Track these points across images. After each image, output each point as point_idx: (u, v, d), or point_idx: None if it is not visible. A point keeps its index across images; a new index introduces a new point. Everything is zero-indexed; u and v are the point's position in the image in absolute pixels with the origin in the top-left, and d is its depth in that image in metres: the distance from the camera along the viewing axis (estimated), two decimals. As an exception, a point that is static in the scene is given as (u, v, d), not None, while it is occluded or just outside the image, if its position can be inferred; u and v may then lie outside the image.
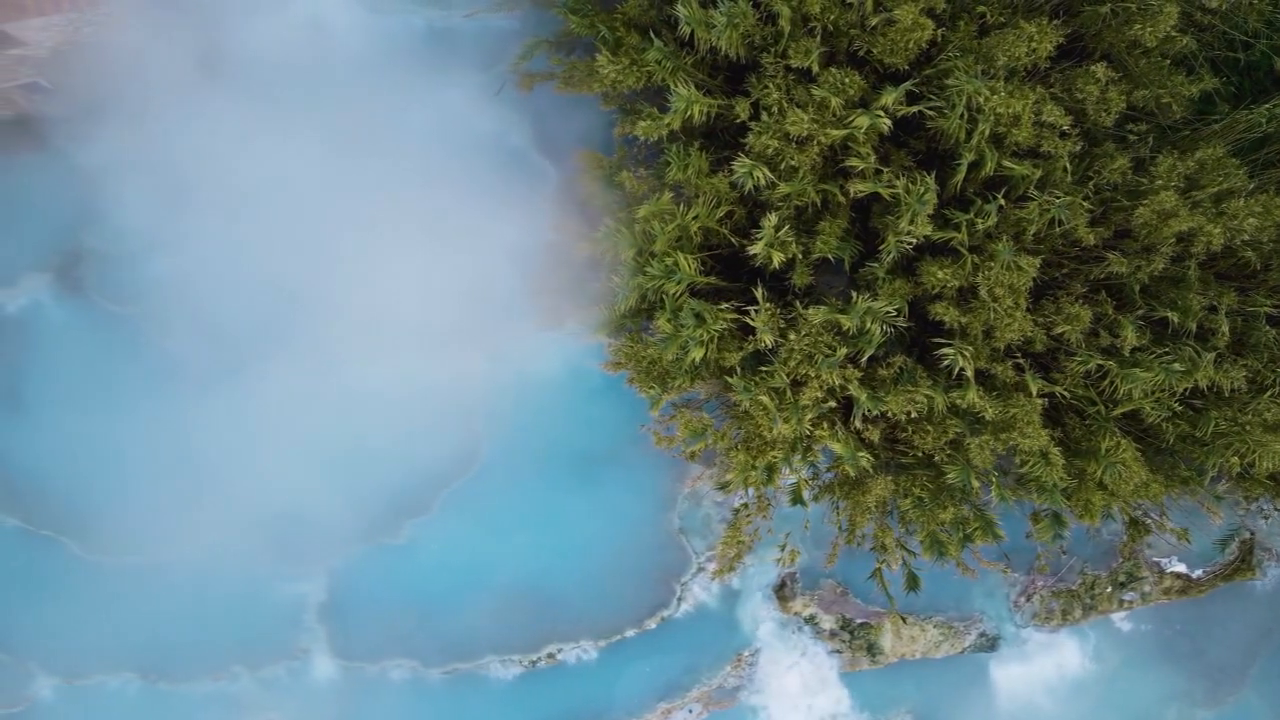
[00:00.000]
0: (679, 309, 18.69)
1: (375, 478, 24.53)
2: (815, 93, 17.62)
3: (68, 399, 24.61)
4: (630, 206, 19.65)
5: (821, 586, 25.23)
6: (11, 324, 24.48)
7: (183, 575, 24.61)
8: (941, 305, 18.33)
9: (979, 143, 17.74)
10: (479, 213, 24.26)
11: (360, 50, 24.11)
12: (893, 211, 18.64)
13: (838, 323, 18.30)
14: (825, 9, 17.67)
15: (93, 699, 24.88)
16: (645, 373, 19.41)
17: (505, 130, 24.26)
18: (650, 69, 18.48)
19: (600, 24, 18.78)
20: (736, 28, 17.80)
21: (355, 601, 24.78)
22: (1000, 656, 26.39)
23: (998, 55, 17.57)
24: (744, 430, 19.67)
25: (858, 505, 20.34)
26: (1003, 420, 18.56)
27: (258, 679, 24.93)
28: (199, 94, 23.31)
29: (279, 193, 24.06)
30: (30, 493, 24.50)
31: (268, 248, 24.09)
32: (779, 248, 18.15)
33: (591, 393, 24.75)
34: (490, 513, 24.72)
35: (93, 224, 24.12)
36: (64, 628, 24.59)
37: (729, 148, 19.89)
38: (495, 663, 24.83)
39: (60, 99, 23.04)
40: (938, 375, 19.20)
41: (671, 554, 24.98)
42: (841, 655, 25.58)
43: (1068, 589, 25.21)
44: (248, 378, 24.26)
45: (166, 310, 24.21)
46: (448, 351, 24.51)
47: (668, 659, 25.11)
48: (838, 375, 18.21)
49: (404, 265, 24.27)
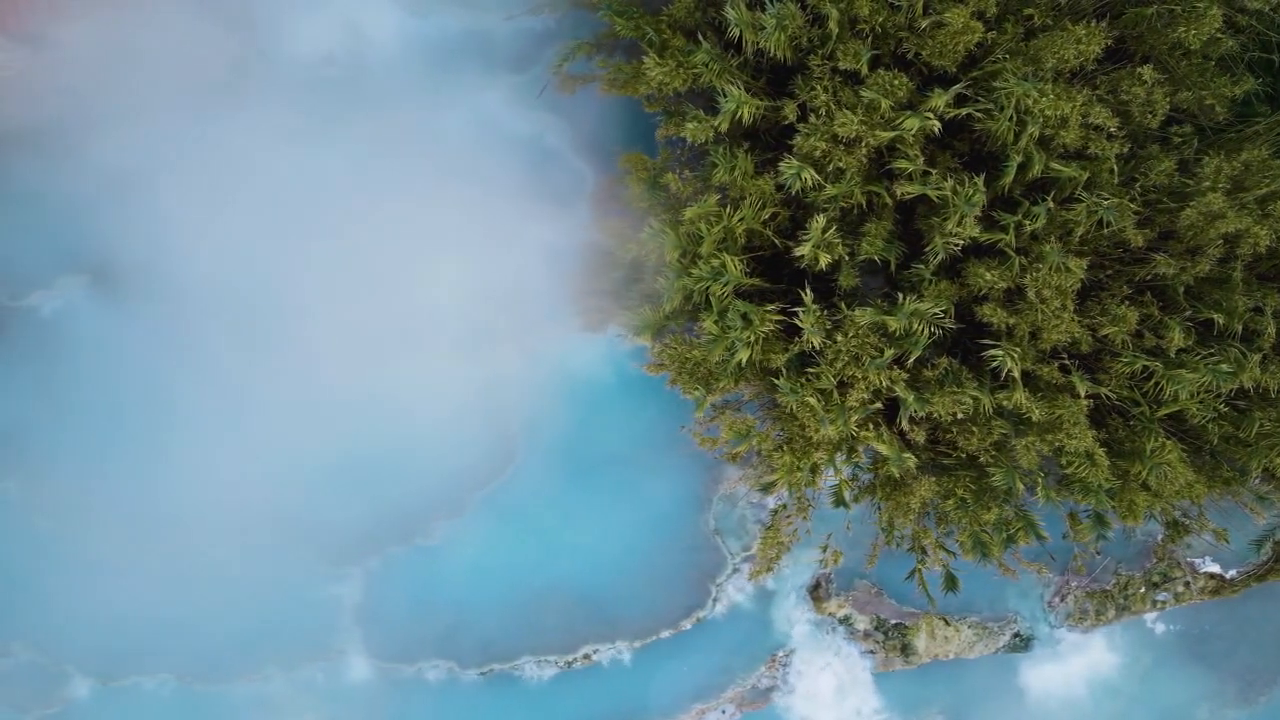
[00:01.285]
0: (725, 310, 18.72)
1: (411, 479, 24.57)
2: (864, 94, 17.65)
3: (101, 400, 24.65)
4: (674, 208, 19.68)
5: (856, 587, 25.27)
6: (46, 325, 24.49)
7: (219, 577, 24.65)
8: (989, 306, 18.37)
9: (1027, 145, 17.78)
10: (516, 214, 24.33)
11: (396, 52, 24.17)
12: (939, 213, 18.68)
13: (884, 324, 18.32)
14: (874, 12, 17.71)
15: (129, 700, 24.94)
16: (690, 374, 19.43)
17: (541, 132, 24.30)
18: (697, 71, 18.51)
19: (646, 26, 18.80)
20: (785, 30, 17.84)
21: (391, 603, 24.82)
22: (1032, 657, 26.43)
23: (1046, 57, 17.61)
24: (787, 431, 19.69)
25: (899, 506, 20.35)
26: (1048, 421, 18.59)
27: (293, 680, 24.98)
28: (237, 96, 23.36)
29: (316, 195, 24.10)
30: (68, 495, 24.53)
31: (303, 250, 24.13)
32: (826, 249, 18.17)
33: (626, 395, 24.78)
34: (525, 514, 24.75)
35: (126, 227, 24.07)
36: (101, 629, 24.63)
37: (771, 149, 19.93)
38: (531, 663, 24.87)
39: (95, 101, 23.07)
40: (982, 376, 19.25)
41: (707, 555, 25.02)
42: (875, 656, 25.62)
43: (1102, 589, 25.25)
44: (284, 379, 24.28)
45: (203, 313, 24.20)
46: (483, 353, 24.57)
47: (703, 660, 25.15)
48: (884, 377, 18.24)
49: (439, 266, 24.33)
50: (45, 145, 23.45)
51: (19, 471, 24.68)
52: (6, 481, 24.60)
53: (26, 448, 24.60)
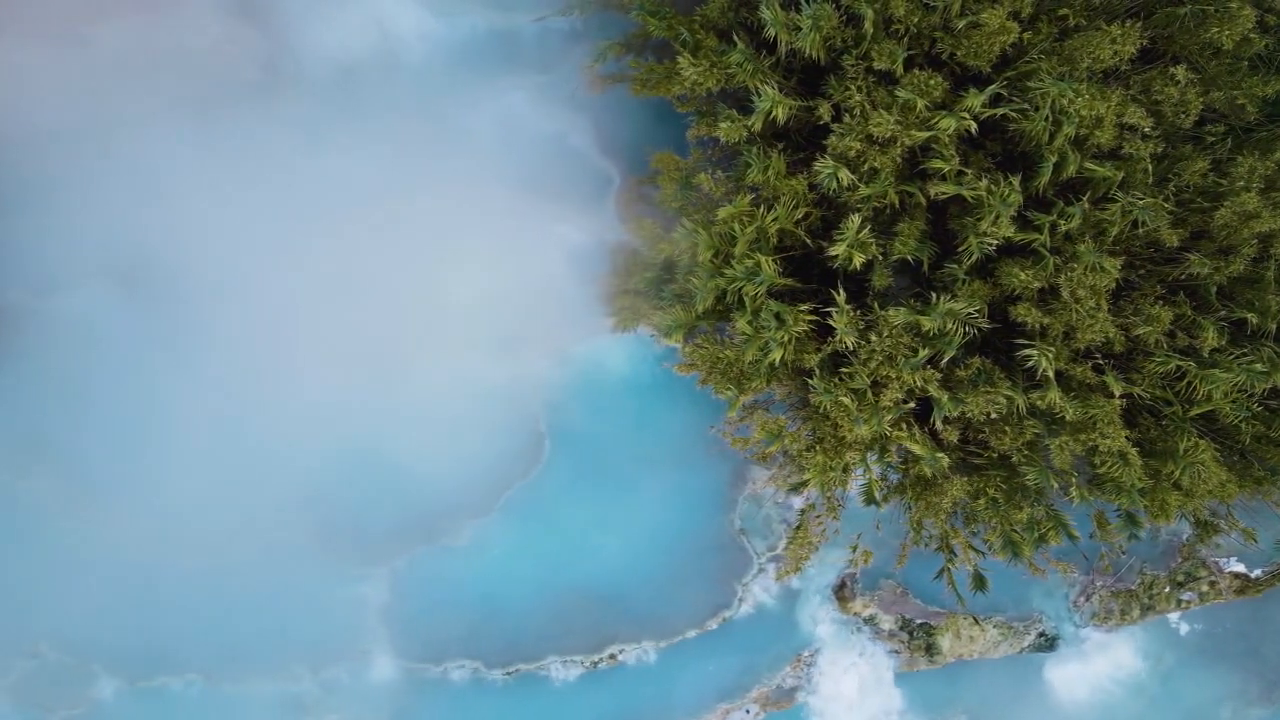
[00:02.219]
0: (758, 310, 18.75)
1: (438, 480, 24.61)
2: (899, 94, 17.68)
3: (127, 400, 24.66)
4: (705, 209, 19.71)
5: (881, 587, 25.30)
6: (72, 326, 24.49)
7: (246, 577, 24.68)
8: (1023, 306, 18.39)
9: (1062, 144, 17.81)
10: (542, 214, 24.39)
11: (424, 53, 24.23)
12: (972, 213, 18.71)
13: (918, 324, 18.35)
14: (909, 12, 17.75)
15: (154, 700, 24.96)
16: (722, 374, 19.45)
17: (566, 132, 24.35)
18: (731, 71, 18.54)
19: (680, 26, 18.83)
20: (819, 30, 17.87)
21: (417, 603, 24.86)
22: (1056, 656, 26.45)
23: (1081, 57, 17.64)
24: (819, 431, 19.72)
25: (929, 506, 20.37)
26: (1082, 421, 18.61)
27: (319, 680, 25.01)
28: (267, 97, 23.41)
29: (344, 195, 24.14)
30: (94, 496, 24.55)
31: (330, 250, 24.16)
32: (860, 249, 18.20)
33: (652, 395, 24.83)
34: (551, 514, 24.79)
35: (154, 228, 24.08)
36: (128, 630, 24.66)
37: (801, 150, 19.97)
38: (556, 663, 24.89)
39: (127, 101, 23.10)
40: (1014, 376, 19.28)
41: (732, 555, 25.05)
42: (900, 655, 25.64)
43: (1127, 589, 25.28)
44: (311, 380, 24.31)
45: (231, 314, 24.22)
46: (509, 354, 24.63)
47: (728, 659, 25.18)
48: (918, 377, 18.26)
49: (465, 266, 24.35)
50: (76, 145, 23.48)
51: (46, 472, 24.71)
52: (33, 482, 24.63)
53: (52, 449, 24.64)
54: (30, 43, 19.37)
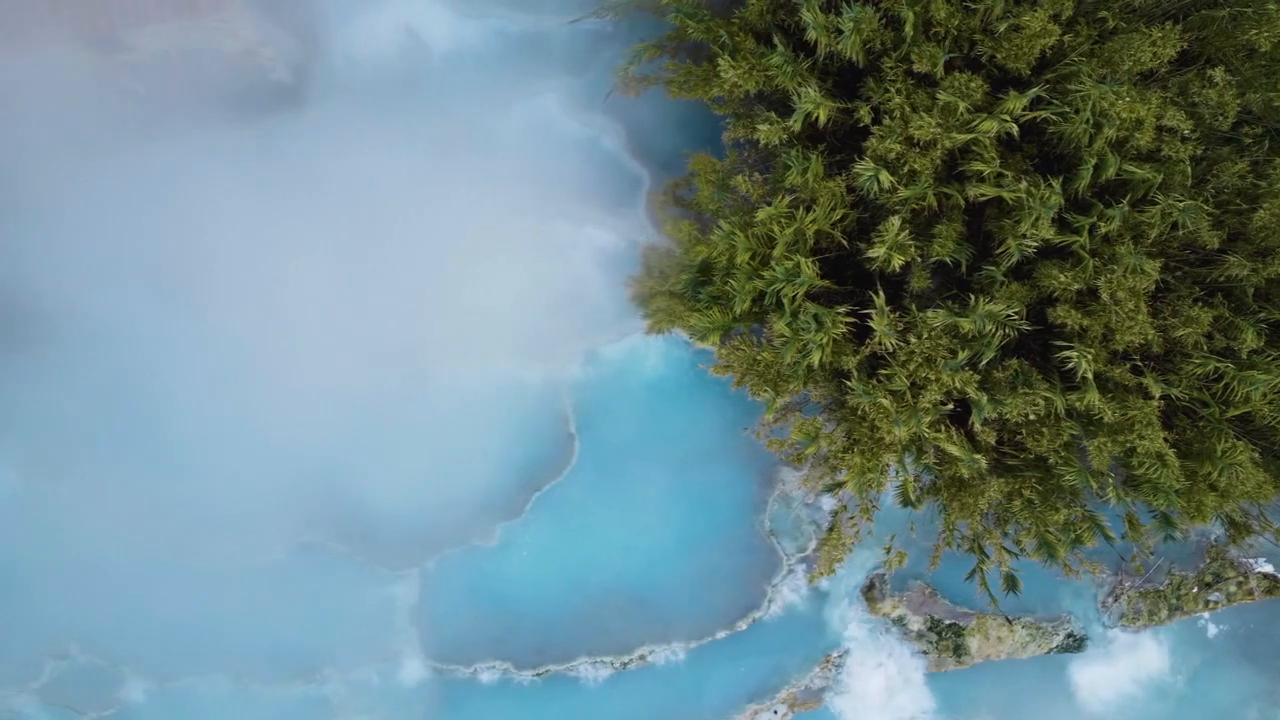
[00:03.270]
0: (797, 312, 18.79)
1: (468, 480, 24.63)
2: (940, 97, 17.72)
3: (155, 402, 24.67)
4: (742, 210, 19.74)
5: (910, 588, 25.34)
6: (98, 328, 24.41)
7: (276, 578, 24.73)
8: (1063, 308, 18.44)
9: (1101, 147, 17.85)
10: (572, 216, 24.47)
11: (454, 56, 24.25)
12: (1010, 215, 18.76)
13: (957, 326, 18.39)
14: (949, 15, 17.78)
15: (183, 701, 25.00)
16: (760, 376, 19.48)
17: (597, 134, 24.37)
18: (771, 73, 18.58)
19: (719, 29, 18.88)
20: (859, 32, 17.91)
21: (447, 603, 24.88)
22: (1083, 657, 26.47)
23: (1122, 59, 17.68)
24: (856, 433, 19.76)
25: (964, 507, 20.41)
26: (1120, 422, 18.65)
27: (348, 681, 25.05)
28: (297, 100, 23.44)
29: (374, 198, 24.18)
30: (125, 497, 24.56)
31: (359, 252, 24.20)
32: (899, 251, 18.25)
33: (682, 396, 24.86)
34: (582, 515, 24.82)
35: (187, 229, 24.10)
36: (158, 631, 24.70)
37: (837, 151, 20.00)
38: (586, 664, 24.92)
39: (158, 105, 23.14)
40: (1051, 378, 19.33)
41: (762, 556, 25.08)
42: (928, 656, 25.68)
43: (1155, 589, 25.32)
44: (340, 380, 24.35)
45: (258, 316, 24.22)
46: (540, 354, 24.68)
47: (758, 660, 25.22)
48: (957, 379, 18.30)
49: (497, 268, 24.41)
50: (106, 148, 23.50)
51: (75, 474, 24.71)
52: (61, 484, 24.63)
53: (81, 450, 24.65)
54: (66, 47, 19.36)
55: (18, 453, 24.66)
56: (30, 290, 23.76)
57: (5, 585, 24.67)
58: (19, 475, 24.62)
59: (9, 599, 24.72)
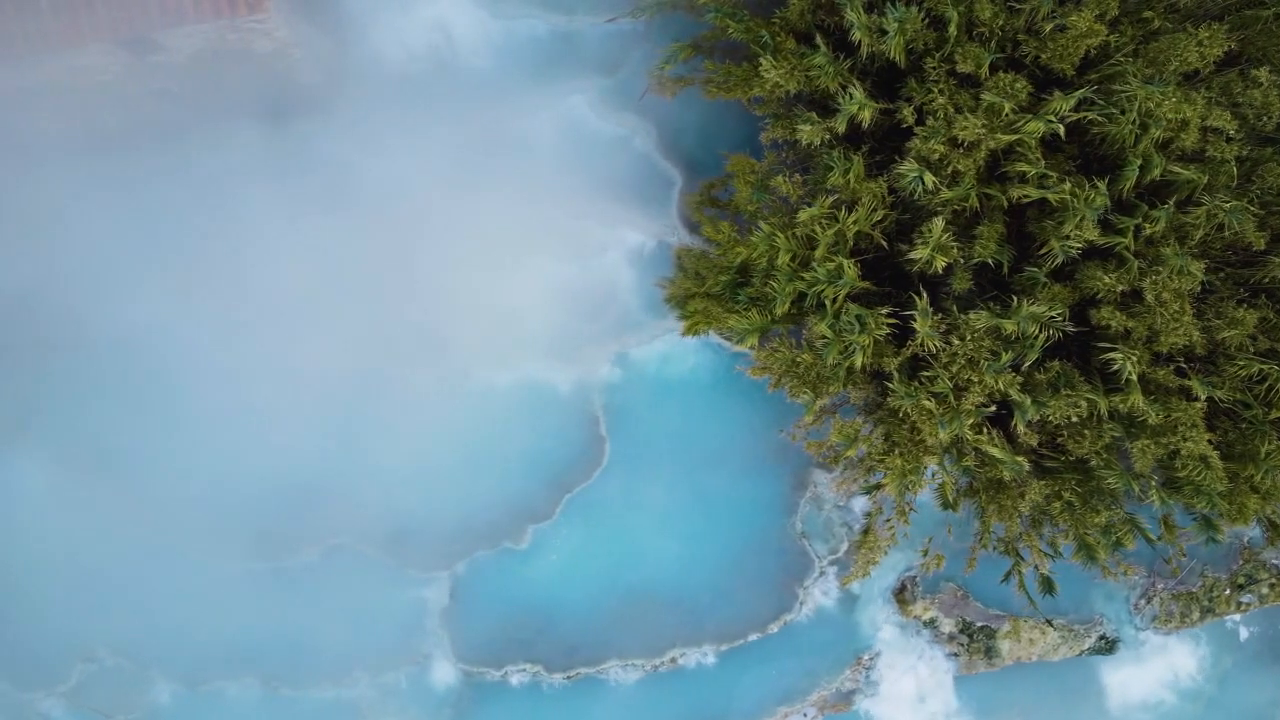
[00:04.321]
0: (839, 313, 18.71)
1: (498, 482, 24.56)
2: (985, 98, 17.63)
3: (183, 403, 24.57)
4: (781, 212, 19.65)
5: (942, 590, 25.26)
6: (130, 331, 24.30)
7: (305, 581, 24.64)
8: (1107, 309, 18.36)
9: (1146, 148, 17.77)
10: (603, 217, 24.40)
11: (484, 56, 24.17)
12: (1052, 216, 18.68)
13: (999, 328, 18.31)
14: (994, 15, 17.70)
15: (212, 704, 24.89)
16: (799, 378, 19.39)
17: (629, 135, 24.29)
18: (812, 73, 18.50)
19: (760, 29, 18.79)
20: (903, 33, 17.83)
21: (477, 606, 24.78)
22: (1113, 659, 26.40)
23: (1169, 59, 17.60)
24: (895, 435, 19.67)
25: (1003, 509, 20.33)
26: (1163, 424, 18.57)
27: (378, 685, 24.94)
28: (329, 102, 23.35)
29: (403, 198, 24.11)
30: (153, 499, 24.49)
31: (389, 253, 24.12)
32: (942, 252, 18.16)
33: (714, 398, 24.78)
34: (612, 517, 24.72)
35: (217, 230, 24.00)
36: (187, 634, 24.59)
37: (876, 152, 19.90)
38: (617, 667, 24.82)
39: (190, 106, 23.06)
40: (1092, 379, 19.24)
41: (793, 558, 24.99)
42: (958, 659, 25.60)
43: (1187, 591, 25.25)
44: (369, 382, 24.28)
45: (287, 317, 24.13)
46: (571, 356, 24.60)
47: (789, 663, 25.12)
48: (1001, 381, 18.21)
49: (527, 269, 24.35)
50: (134, 149, 23.44)
51: (102, 476, 24.63)
52: (89, 487, 24.54)
53: (109, 452, 24.56)
54: (102, 48, 19.25)
55: (44, 455, 24.55)
56: (59, 293, 23.70)
57: (32, 588, 24.56)
58: (46, 478, 24.50)
59: (36, 602, 24.63)
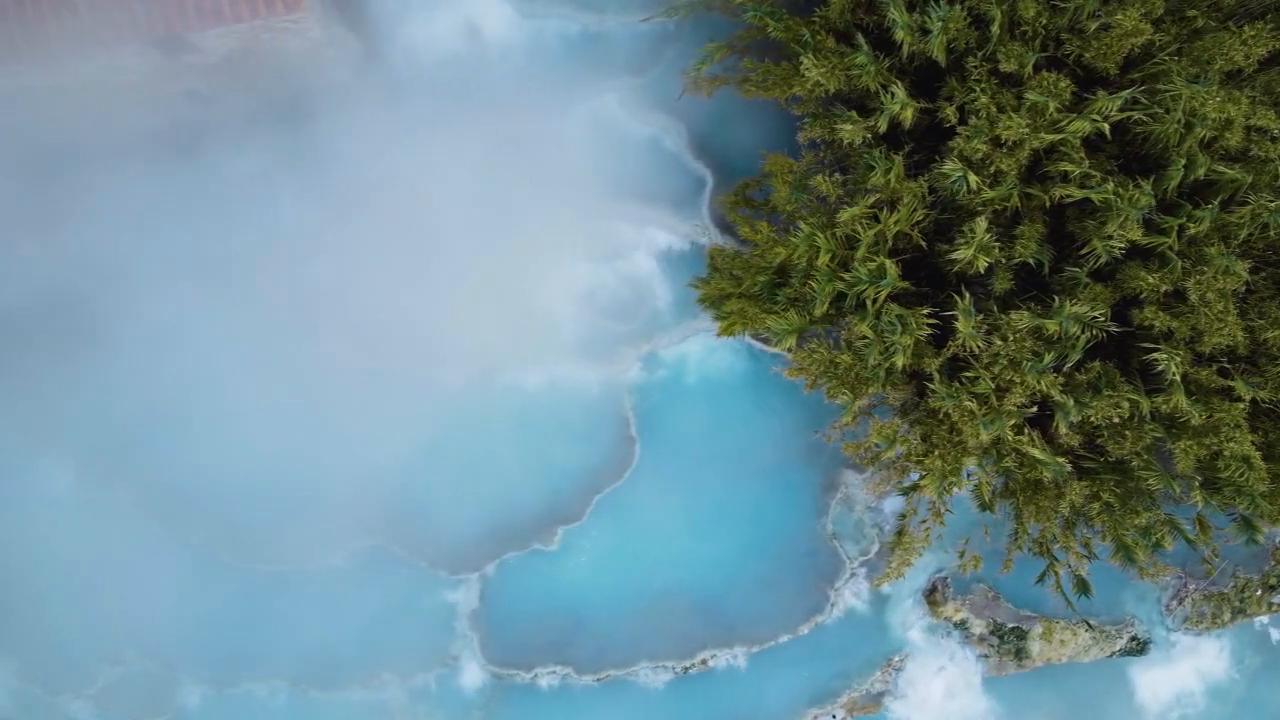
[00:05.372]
0: (879, 313, 18.62)
1: (528, 483, 24.44)
2: (1028, 97, 17.54)
3: (211, 402, 24.45)
4: (819, 212, 19.55)
5: (973, 591, 25.16)
6: (158, 330, 24.24)
7: (334, 582, 24.54)
8: (1150, 309, 18.28)
9: (1191, 147, 17.68)
10: (633, 217, 24.32)
11: (514, 55, 24.05)
12: (1094, 215, 18.58)
13: (1041, 328, 18.22)
14: (1038, 14, 17.60)
15: (240, 707, 24.78)
16: (839, 379, 19.29)
17: (659, 135, 24.18)
18: (853, 73, 18.40)
19: (801, 28, 18.69)
20: (946, 32, 17.73)
21: (507, 608, 24.66)
22: (1142, 660, 26.31)
23: (1215, 58, 17.51)
24: (935, 436, 19.57)
25: (1041, 510, 20.24)
26: (1205, 425, 18.48)
27: (407, 687, 24.83)
28: (358, 101, 23.24)
29: (433, 197, 23.99)
30: (178, 500, 24.39)
31: (418, 253, 24.00)
32: (984, 252, 18.06)
33: (744, 399, 24.68)
34: (643, 518, 24.60)
35: (245, 231, 23.88)
36: (215, 636, 24.49)
37: (914, 152, 19.79)
38: (647, 669, 24.72)
39: (219, 106, 22.96)
40: (1133, 380, 19.16)
41: (824, 559, 24.89)
42: (989, 660, 25.50)
43: (1219, 592, 25.16)
44: (399, 384, 24.18)
45: (319, 317, 24.05)
46: (600, 357, 24.49)
47: (820, 665, 25.02)
48: (1044, 381, 18.12)
49: (556, 269, 24.27)
50: (162, 149, 23.33)
51: (129, 476, 24.54)
52: (118, 486, 24.46)
53: (136, 451, 24.46)
54: (136, 48, 19.14)
55: (71, 456, 24.46)
56: (90, 292, 23.59)
57: (60, 590, 24.46)
58: (73, 479, 24.42)
59: (63, 604, 24.52)
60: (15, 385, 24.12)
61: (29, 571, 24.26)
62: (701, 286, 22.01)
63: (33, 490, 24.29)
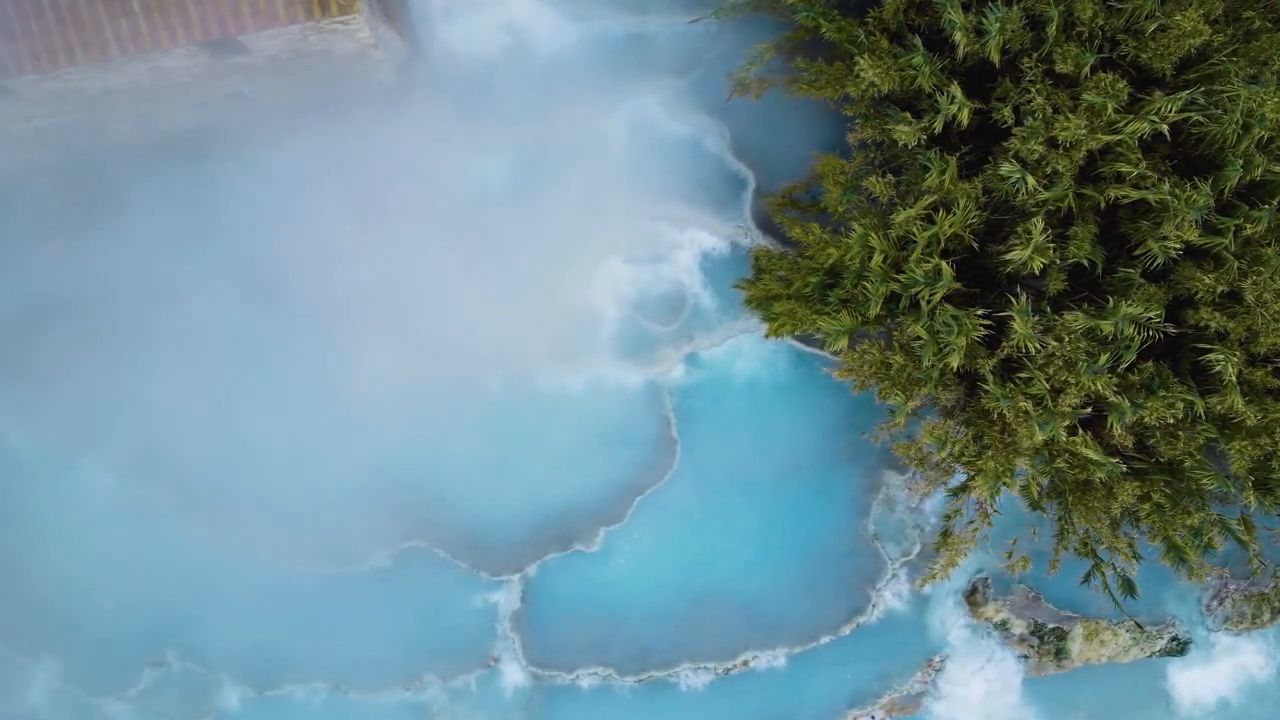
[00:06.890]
0: (934, 314, 18.62)
1: (570, 484, 24.45)
2: (1086, 98, 17.54)
3: (250, 407, 24.43)
4: (870, 213, 19.55)
5: (1014, 592, 25.16)
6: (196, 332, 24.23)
7: (375, 584, 24.56)
8: (1205, 310, 18.30)
9: (1248, 148, 17.69)
10: (675, 218, 24.32)
11: (555, 56, 24.01)
12: (1148, 216, 18.59)
13: (1096, 329, 18.22)
14: (1095, 14, 17.61)
15: (281, 709, 24.82)
16: (891, 380, 19.30)
17: (701, 136, 24.16)
18: (908, 73, 18.40)
19: (855, 28, 18.70)
20: (1003, 33, 17.74)
21: (549, 609, 24.68)
22: (1180, 660, 26.31)
23: (1272, 59, 17.52)
24: (987, 437, 19.58)
25: (1090, 510, 20.25)
26: (1260, 426, 18.50)
27: (448, 688, 24.85)
28: (401, 102, 23.23)
29: (474, 199, 24.03)
30: (219, 503, 24.39)
31: (459, 255, 24.01)
32: (1040, 253, 18.07)
33: (785, 400, 24.66)
34: (684, 519, 24.62)
35: (283, 233, 23.84)
36: (256, 637, 24.49)
37: (966, 154, 19.79)
38: (689, 670, 24.73)
39: (260, 107, 22.95)
40: (1186, 380, 19.16)
41: (865, 560, 24.90)
42: (1029, 660, 25.50)
43: (1260, 592, 25.17)
44: (442, 385, 24.18)
45: (358, 318, 24.01)
46: (641, 358, 24.49)
47: (861, 666, 25.04)
48: (1099, 382, 18.12)
49: (598, 270, 24.28)
50: (206, 151, 23.34)
51: (168, 480, 24.55)
52: (158, 488, 24.46)
53: (176, 452, 24.44)
54: (187, 50, 19.09)
55: (111, 458, 24.45)
56: (130, 293, 23.60)
57: (101, 592, 24.49)
58: (114, 480, 24.42)
59: (105, 606, 24.55)
60: (55, 386, 24.12)
61: (70, 573, 24.27)
62: (747, 288, 22.03)
63: (73, 492, 24.30)
